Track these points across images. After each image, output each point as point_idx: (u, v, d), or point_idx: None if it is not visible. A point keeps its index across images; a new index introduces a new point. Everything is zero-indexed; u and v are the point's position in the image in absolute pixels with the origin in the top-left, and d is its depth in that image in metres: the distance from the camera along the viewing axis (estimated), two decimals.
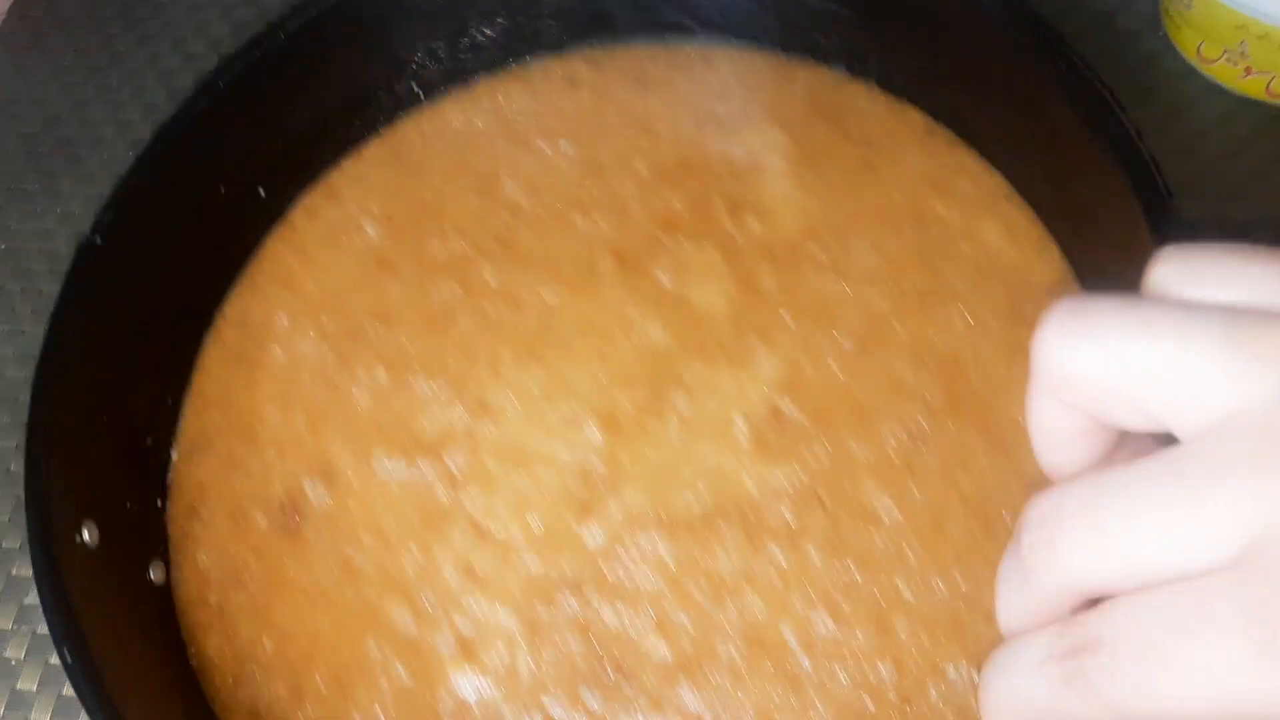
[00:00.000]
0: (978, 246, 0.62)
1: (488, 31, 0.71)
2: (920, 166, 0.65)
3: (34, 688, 0.64)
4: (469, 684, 0.56)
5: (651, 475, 0.59)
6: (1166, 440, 0.33)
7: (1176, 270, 0.34)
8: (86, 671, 0.51)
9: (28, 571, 0.66)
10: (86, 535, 0.56)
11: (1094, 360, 0.34)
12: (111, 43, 0.84)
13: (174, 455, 0.65)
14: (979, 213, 0.63)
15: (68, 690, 0.63)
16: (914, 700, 0.53)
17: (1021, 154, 0.63)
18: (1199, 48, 0.71)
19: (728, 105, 0.69)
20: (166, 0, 0.85)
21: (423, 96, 0.73)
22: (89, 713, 0.50)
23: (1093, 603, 0.34)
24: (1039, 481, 0.55)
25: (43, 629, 0.65)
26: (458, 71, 0.73)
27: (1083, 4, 0.74)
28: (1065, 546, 0.34)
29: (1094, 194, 0.57)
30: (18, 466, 0.68)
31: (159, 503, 0.63)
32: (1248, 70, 0.69)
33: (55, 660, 0.63)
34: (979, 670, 0.53)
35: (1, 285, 0.76)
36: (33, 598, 0.65)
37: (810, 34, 0.69)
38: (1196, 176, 0.69)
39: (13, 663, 0.65)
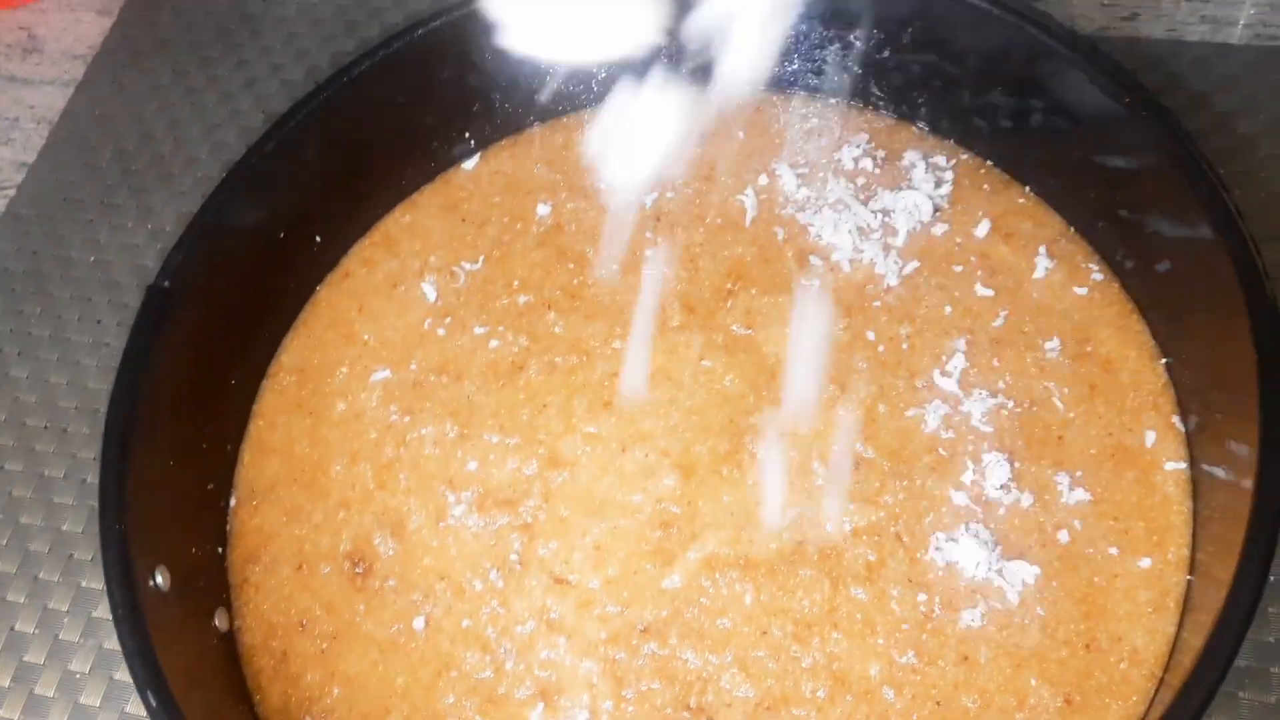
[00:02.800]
0: (1041, 286, 0.68)
1: (543, 84, 0.77)
2: (982, 209, 0.72)
3: (97, 703, 0.67)
4: None
5: (730, 520, 0.64)
6: None
7: None
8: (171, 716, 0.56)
9: (97, 584, 0.70)
10: (159, 580, 0.60)
11: None
12: (209, 66, 0.89)
13: (233, 501, 0.69)
14: (1039, 250, 0.70)
15: (131, 707, 0.66)
16: None
17: (1078, 193, 0.70)
18: None
19: (789, 153, 0.75)
20: (265, 27, 0.91)
21: (473, 145, 0.79)
22: None
23: None
24: (1117, 510, 0.63)
25: (109, 644, 0.68)
26: (509, 121, 0.79)
27: (1181, 85, 0.78)
28: None
29: (1157, 224, 0.65)
30: (94, 479, 0.72)
31: (219, 550, 0.68)
32: None
33: (119, 676, 0.67)
34: (1062, 698, 0.60)
35: (89, 297, 0.80)
36: (100, 611, 0.69)
37: (864, 81, 0.76)
38: None
39: (77, 676, 0.68)
